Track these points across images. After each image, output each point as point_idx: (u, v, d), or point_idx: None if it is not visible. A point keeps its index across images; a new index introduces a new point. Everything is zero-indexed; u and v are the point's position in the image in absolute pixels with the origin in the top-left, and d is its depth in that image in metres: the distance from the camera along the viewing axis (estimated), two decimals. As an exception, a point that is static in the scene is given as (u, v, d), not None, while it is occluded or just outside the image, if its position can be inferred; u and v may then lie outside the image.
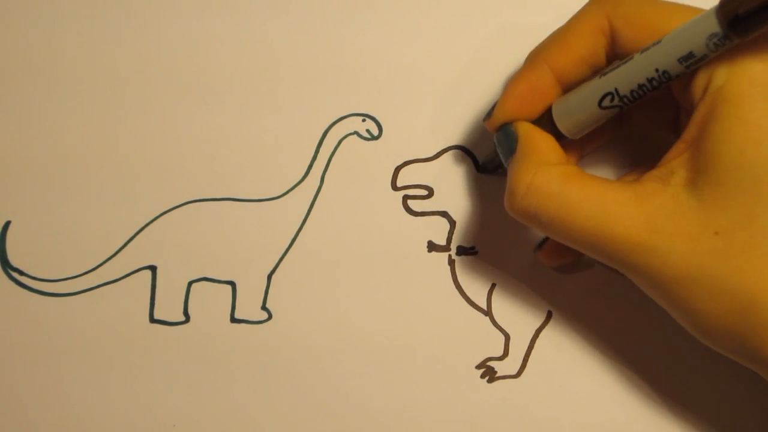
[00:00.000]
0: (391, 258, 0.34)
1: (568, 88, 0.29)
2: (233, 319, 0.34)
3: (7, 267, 0.34)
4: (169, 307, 0.34)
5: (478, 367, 0.33)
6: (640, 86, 0.27)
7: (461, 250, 0.34)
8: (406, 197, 0.34)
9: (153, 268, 0.34)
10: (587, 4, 0.29)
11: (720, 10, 0.24)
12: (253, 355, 0.33)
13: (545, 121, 0.30)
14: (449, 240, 0.34)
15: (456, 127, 0.35)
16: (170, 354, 0.33)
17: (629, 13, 0.28)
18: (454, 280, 0.34)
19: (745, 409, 0.33)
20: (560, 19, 0.28)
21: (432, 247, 0.34)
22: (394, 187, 0.34)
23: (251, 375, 0.33)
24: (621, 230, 0.26)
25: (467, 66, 0.35)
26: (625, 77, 0.27)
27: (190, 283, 0.34)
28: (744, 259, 0.25)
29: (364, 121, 0.35)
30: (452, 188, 0.34)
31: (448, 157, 0.35)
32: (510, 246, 0.34)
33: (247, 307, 0.34)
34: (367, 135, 0.35)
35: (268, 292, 0.34)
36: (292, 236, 0.34)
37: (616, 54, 0.28)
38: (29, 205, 0.34)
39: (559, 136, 0.30)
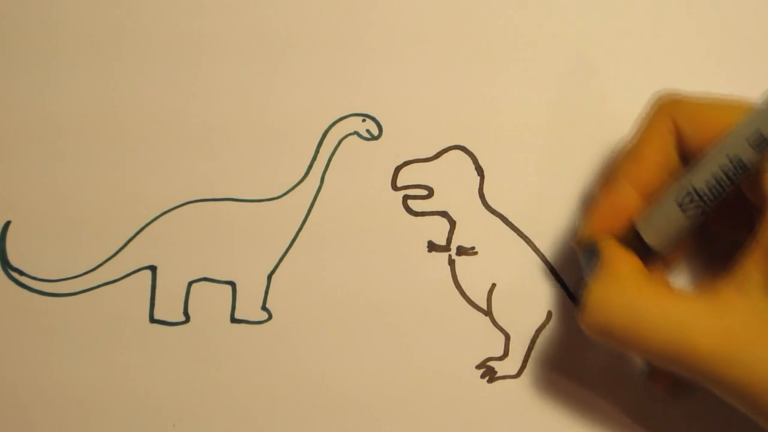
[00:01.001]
0: (391, 258, 0.34)
1: (652, 198, 0.29)
2: (233, 319, 0.34)
3: (7, 267, 0.34)
4: (169, 307, 0.34)
5: (478, 367, 0.33)
6: (715, 177, 0.26)
7: (461, 250, 0.34)
8: (406, 197, 0.34)
9: (153, 268, 0.34)
10: (651, 112, 0.29)
11: None
12: (253, 355, 0.33)
13: (632, 237, 0.29)
14: (449, 240, 0.34)
15: (456, 127, 0.35)
16: (170, 354, 0.33)
17: (693, 111, 0.28)
18: (454, 280, 0.34)
19: None
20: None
21: (432, 247, 0.34)
22: (394, 187, 0.34)
23: (251, 375, 0.33)
24: (700, 341, 0.26)
25: (467, 66, 0.35)
26: (701, 173, 0.27)
27: (190, 283, 0.34)
28: None
29: (364, 121, 0.35)
30: (452, 188, 0.34)
31: (448, 157, 0.35)
32: (510, 246, 0.34)
33: (247, 307, 0.34)
34: (367, 135, 0.35)
35: (268, 292, 0.34)
36: (292, 236, 0.34)
37: (687, 157, 0.28)
38: (29, 205, 0.34)
39: (647, 251, 0.29)
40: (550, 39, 0.36)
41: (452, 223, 0.34)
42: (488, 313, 0.34)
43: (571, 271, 0.34)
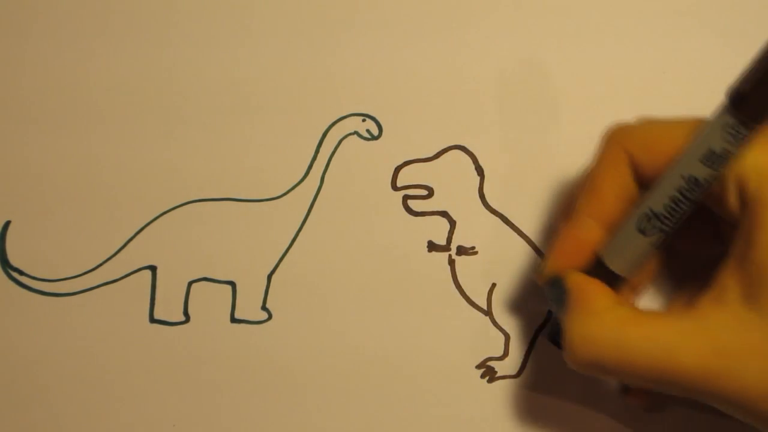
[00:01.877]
0: (391, 258, 0.34)
1: (614, 229, 0.29)
2: (233, 319, 0.34)
3: (7, 267, 0.34)
4: (169, 307, 0.34)
5: (478, 367, 0.33)
6: (672, 199, 0.26)
7: (461, 250, 0.34)
8: (406, 197, 0.34)
9: (153, 268, 0.34)
10: (603, 145, 0.29)
11: (727, 97, 0.24)
12: (253, 355, 0.33)
13: (597, 266, 0.29)
14: (449, 240, 0.34)
15: (456, 127, 0.35)
16: (170, 354, 0.33)
17: (644, 138, 0.28)
18: (454, 280, 0.34)
19: None
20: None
21: (432, 247, 0.34)
22: (394, 187, 0.34)
23: (251, 375, 0.33)
24: (688, 360, 0.26)
25: (467, 66, 0.35)
26: (657, 195, 0.27)
27: (190, 283, 0.34)
28: None
29: (364, 121, 0.35)
30: (452, 188, 0.34)
31: (448, 157, 0.35)
32: (510, 246, 0.34)
33: (247, 307, 0.34)
34: (367, 135, 0.35)
35: (268, 292, 0.34)
36: (292, 236, 0.34)
37: (645, 183, 0.28)
38: (29, 205, 0.34)
39: (614, 278, 0.29)
40: (550, 40, 0.36)
41: (452, 223, 0.34)
42: (488, 313, 0.34)
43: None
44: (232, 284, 0.34)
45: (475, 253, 0.34)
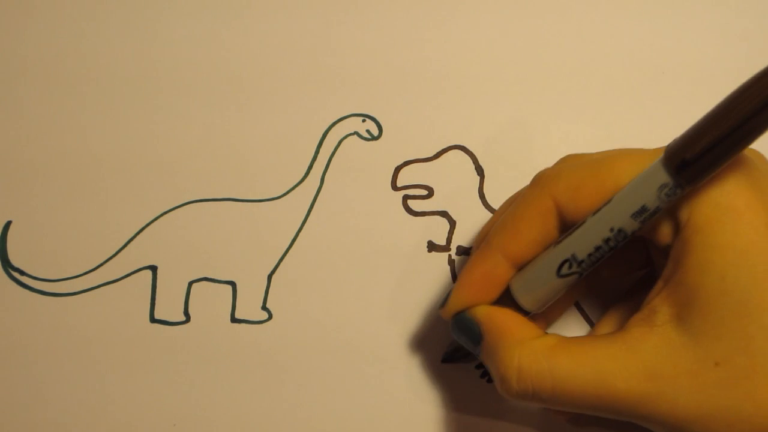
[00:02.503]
0: (391, 258, 0.34)
1: (522, 267, 0.29)
2: (233, 319, 0.34)
3: (8, 267, 0.34)
4: (169, 307, 0.34)
5: (477, 367, 0.33)
6: (597, 248, 0.26)
7: (461, 250, 0.34)
8: (406, 197, 0.34)
9: (153, 268, 0.34)
10: (528, 189, 0.28)
11: (666, 159, 0.24)
12: (253, 355, 0.33)
13: (505, 300, 0.29)
14: (449, 240, 0.34)
15: (456, 127, 0.35)
16: (170, 354, 0.34)
17: (570, 186, 0.27)
18: (454, 280, 0.34)
19: None
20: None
21: (432, 247, 0.34)
22: (394, 187, 0.35)
23: (251, 375, 0.33)
24: (621, 384, 0.25)
25: (467, 66, 0.35)
26: (581, 242, 0.26)
27: (190, 283, 0.34)
28: (752, 384, 0.24)
29: (364, 121, 0.35)
30: (452, 188, 0.34)
31: (448, 157, 0.35)
32: (510, 246, 0.34)
33: (247, 307, 0.34)
34: (367, 135, 0.35)
35: (268, 292, 0.34)
36: (293, 236, 0.34)
37: (568, 227, 0.28)
38: (30, 205, 0.34)
39: (524, 312, 0.29)
40: (550, 40, 0.36)
41: (452, 223, 0.34)
42: (488, 312, 0.34)
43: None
44: (233, 284, 0.34)
45: (475, 253, 0.34)
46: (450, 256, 0.34)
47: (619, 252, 0.27)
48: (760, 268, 0.24)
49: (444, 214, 0.34)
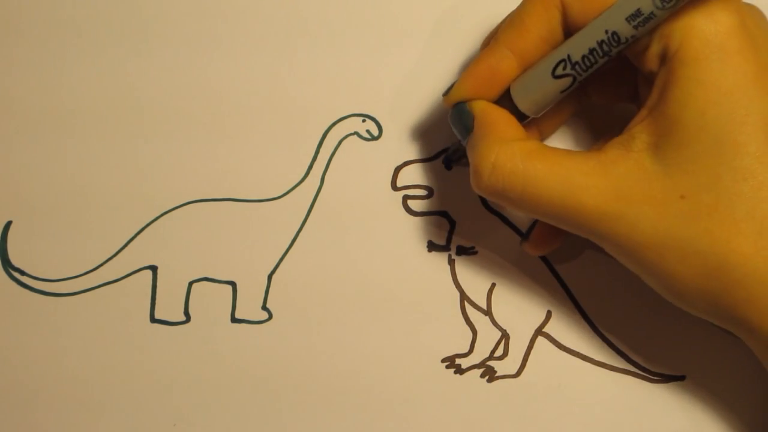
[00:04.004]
0: (391, 258, 0.34)
1: (529, 68, 0.29)
2: (233, 319, 0.34)
3: (8, 267, 0.34)
4: (169, 307, 0.34)
5: (477, 366, 0.33)
6: (591, 51, 0.27)
7: (461, 250, 0.34)
8: (406, 197, 0.34)
9: (154, 268, 0.34)
10: None
11: None
12: (253, 355, 0.34)
13: (505, 101, 0.30)
14: (449, 240, 0.34)
15: (456, 127, 0.35)
16: (170, 354, 0.34)
17: None
18: (454, 280, 0.34)
19: (747, 386, 0.33)
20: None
21: (432, 247, 0.34)
22: (394, 187, 0.35)
23: (251, 375, 0.33)
24: (588, 200, 0.27)
25: (467, 66, 0.35)
26: (577, 43, 0.27)
27: (190, 283, 0.34)
28: (711, 221, 0.25)
29: (364, 121, 0.35)
30: (452, 188, 0.34)
31: (448, 157, 0.35)
32: (510, 246, 0.34)
33: (248, 307, 0.34)
34: (367, 135, 0.35)
35: (268, 292, 0.34)
36: (293, 236, 0.34)
37: (571, 30, 0.28)
38: (30, 205, 0.34)
39: (519, 116, 0.30)
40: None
41: (452, 223, 0.34)
42: (488, 312, 0.34)
43: (571, 270, 0.34)
44: (233, 284, 0.34)
45: (475, 253, 0.34)
46: (450, 256, 0.34)
47: (609, 77, 0.28)
48: (740, 112, 0.25)
49: (444, 214, 0.34)
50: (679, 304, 0.28)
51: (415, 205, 0.34)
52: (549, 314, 0.34)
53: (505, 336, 0.34)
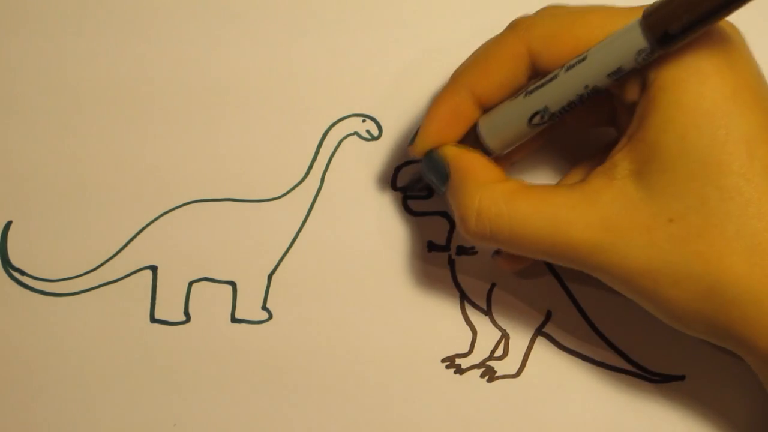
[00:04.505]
0: (391, 258, 0.34)
1: (488, 108, 0.29)
2: (233, 319, 0.34)
3: (8, 267, 0.34)
4: (169, 307, 0.34)
5: (477, 366, 0.33)
6: (570, 103, 0.27)
7: (461, 250, 0.34)
8: (406, 197, 0.34)
9: (154, 268, 0.34)
10: (503, 33, 0.29)
11: (646, 27, 0.24)
12: (253, 355, 0.34)
13: (471, 140, 0.30)
14: (449, 240, 0.34)
15: (456, 127, 0.35)
16: (170, 354, 0.34)
17: (544, 34, 0.28)
18: (454, 280, 0.34)
19: (746, 387, 0.33)
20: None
21: (432, 247, 0.34)
22: (394, 187, 0.35)
23: (251, 375, 0.33)
24: (576, 234, 0.26)
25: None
26: (555, 95, 0.27)
27: (190, 283, 0.34)
28: (702, 243, 0.25)
29: (364, 121, 0.35)
30: (452, 188, 0.34)
31: (448, 157, 0.35)
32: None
33: (248, 307, 0.34)
34: (367, 135, 0.35)
35: (268, 292, 0.34)
36: (293, 236, 0.34)
37: (538, 74, 0.28)
38: (30, 205, 0.34)
39: (488, 153, 0.30)
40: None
41: (452, 223, 0.34)
42: (488, 312, 0.34)
43: (571, 270, 0.34)
44: (233, 284, 0.34)
45: (475, 253, 0.34)
46: (450, 256, 0.34)
47: (585, 106, 0.28)
48: (721, 132, 0.25)
49: (444, 214, 0.34)
50: (678, 327, 0.27)
51: (415, 205, 0.34)
52: (549, 314, 0.34)
53: (505, 336, 0.34)
